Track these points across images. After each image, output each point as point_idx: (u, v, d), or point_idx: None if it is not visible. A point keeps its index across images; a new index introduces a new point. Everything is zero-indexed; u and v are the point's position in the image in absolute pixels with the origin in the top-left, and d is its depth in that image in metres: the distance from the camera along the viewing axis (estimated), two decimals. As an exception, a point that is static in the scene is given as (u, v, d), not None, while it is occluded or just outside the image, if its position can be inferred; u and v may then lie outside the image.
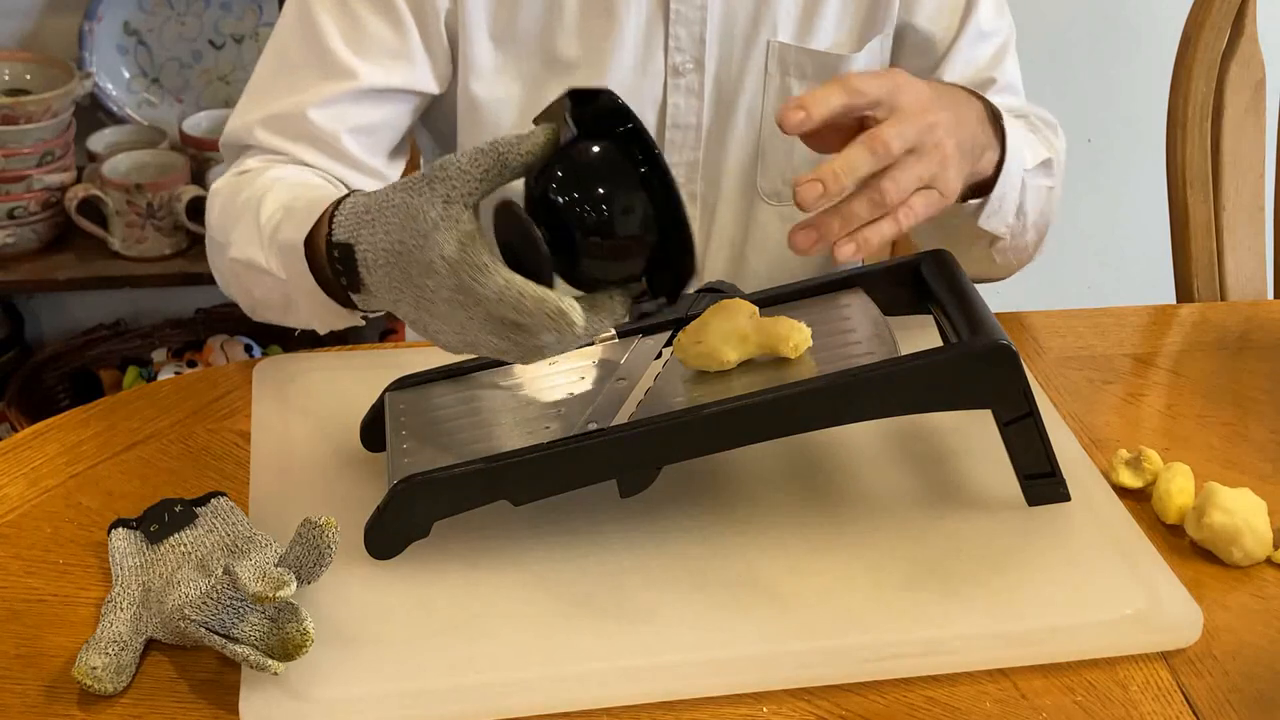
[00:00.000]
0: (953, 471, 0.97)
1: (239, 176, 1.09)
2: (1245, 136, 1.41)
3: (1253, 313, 1.24)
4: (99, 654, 0.79)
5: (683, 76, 1.16)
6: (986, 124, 1.03)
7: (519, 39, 1.14)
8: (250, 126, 1.11)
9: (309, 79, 1.10)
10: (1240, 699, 0.82)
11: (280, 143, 1.10)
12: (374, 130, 1.12)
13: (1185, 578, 0.89)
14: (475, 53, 1.13)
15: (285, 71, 1.12)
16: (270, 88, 1.12)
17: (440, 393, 0.94)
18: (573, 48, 1.14)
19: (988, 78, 1.19)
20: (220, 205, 1.08)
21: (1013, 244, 1.13)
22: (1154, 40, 1.77)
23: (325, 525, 0.79)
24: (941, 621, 0.84)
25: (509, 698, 0.79)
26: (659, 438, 0.86)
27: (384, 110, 1.12)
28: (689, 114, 1.18)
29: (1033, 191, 1.11)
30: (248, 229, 1.02)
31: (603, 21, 1.13)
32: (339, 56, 1.09)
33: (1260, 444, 1.04)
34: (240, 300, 1.09)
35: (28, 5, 1.99)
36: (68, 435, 1.00)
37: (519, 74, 1.15)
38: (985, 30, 1.19)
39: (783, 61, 1.17)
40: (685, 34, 1.15)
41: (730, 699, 0.80)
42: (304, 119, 1.09)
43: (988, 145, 1.03)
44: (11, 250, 1.91)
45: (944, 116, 0.92)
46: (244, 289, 1.07)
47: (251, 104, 1.13)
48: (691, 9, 1.14)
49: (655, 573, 0.87)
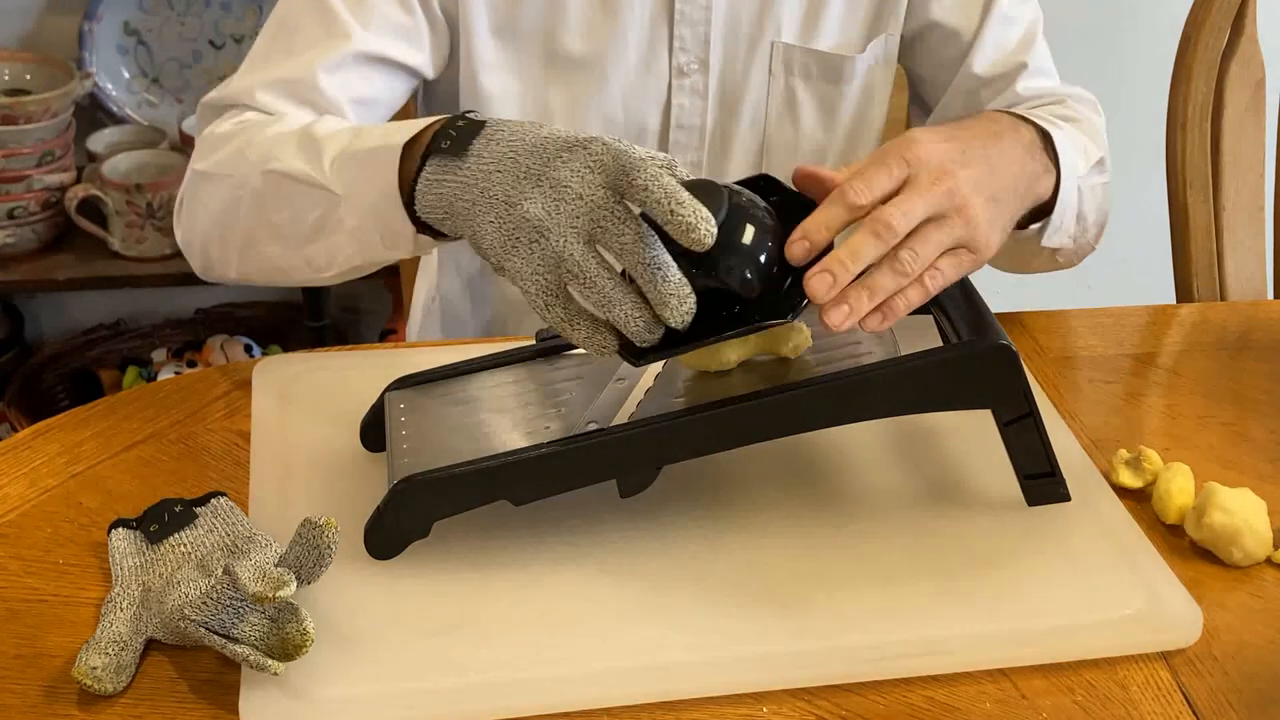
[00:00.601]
0: (953, 471, 0.97)
1: (240, 123, 1.06)
2: (1245, 136, 1.41)
3: (1253, 313, 1.24)
4: (99, 654, 0.79)
5: (687, 77, 1.16)
6: (1037, 150, 1.02)
7: (520, 34, 1.14)
8: (251, 89, 1.08)
9: (311, 41, 1.08)
10: (1240, 699, 0.82)
11: (284, 106, 1.07)
12: (374, 104, 1.11)
13: (1185, 578, 0.89)
14: (476, 45, 1.13)
15: (286, 36, 1.10)
16: (271, 53, 1.10)
17: (440, 392, 0.94)
18: (576, 46, 1.14)
19: (1019, 62, 1.19)
20: (229, 147, 1.04)
21: (1077, 245, 1.14)
22: (1154, 40, 1.77)
23: (325, 525, 0.79)
24: (941, 621, 0.84)
25: (509, 698, 0.79)
26: (659, 438, 0.86)
27: (384, 82, 1.11)
28: (693, 114, 1.18)
29: (1089, 193, 1.11)
30: (293, 148, 0.99)
31: (606, 20, 1.13)
32: (343, 20, 1.08)
33: (1260, 444, 1.04)
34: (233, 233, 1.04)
35: (28, 5, 1.99)
36: (68, 435, 1.00)
37: (519, 70, 1.15)
38: (1010, 15, 1.19)
39: (787, 62, 1.18)
40: (690, 34, 1.15)
41: (730, 699, 0.80)
42: (310, 84, 1.07)
43: (1041, 172, 1.02)
44: (11, 250, 1.91)
45: (967, 174, 0.90)
46: (260, 212, 1.01)
47: (252, 69, 1.10)
48: (696, 9, 1.14)
49: (655, 573, 0.87)
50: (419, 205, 0.89)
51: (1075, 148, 1.08)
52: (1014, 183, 0.97)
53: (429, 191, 0.88)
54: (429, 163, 0.88)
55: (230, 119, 1.08)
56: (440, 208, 0.88)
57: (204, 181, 1.06)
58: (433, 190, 0.88)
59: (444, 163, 0.87)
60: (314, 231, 0.99)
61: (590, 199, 0.82)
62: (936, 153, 0.90)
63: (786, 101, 1.20)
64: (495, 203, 0.84)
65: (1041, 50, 1.21)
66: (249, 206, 1.02)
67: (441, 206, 0.88)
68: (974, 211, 0.90)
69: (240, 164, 1.02)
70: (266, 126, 1.04)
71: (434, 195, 0.88)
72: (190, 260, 1.11)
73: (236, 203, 1.03)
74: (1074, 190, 1.07)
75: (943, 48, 1.20)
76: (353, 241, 0.97)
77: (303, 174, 0.97)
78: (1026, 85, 1.19)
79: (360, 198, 0.94)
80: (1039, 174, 1.02)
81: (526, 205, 0.83)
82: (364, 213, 0.95)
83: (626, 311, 0.81)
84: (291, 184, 0.98)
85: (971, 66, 1.19)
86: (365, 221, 0.95)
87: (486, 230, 0.85)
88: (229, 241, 1.05)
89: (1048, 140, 1.04)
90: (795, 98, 1.20)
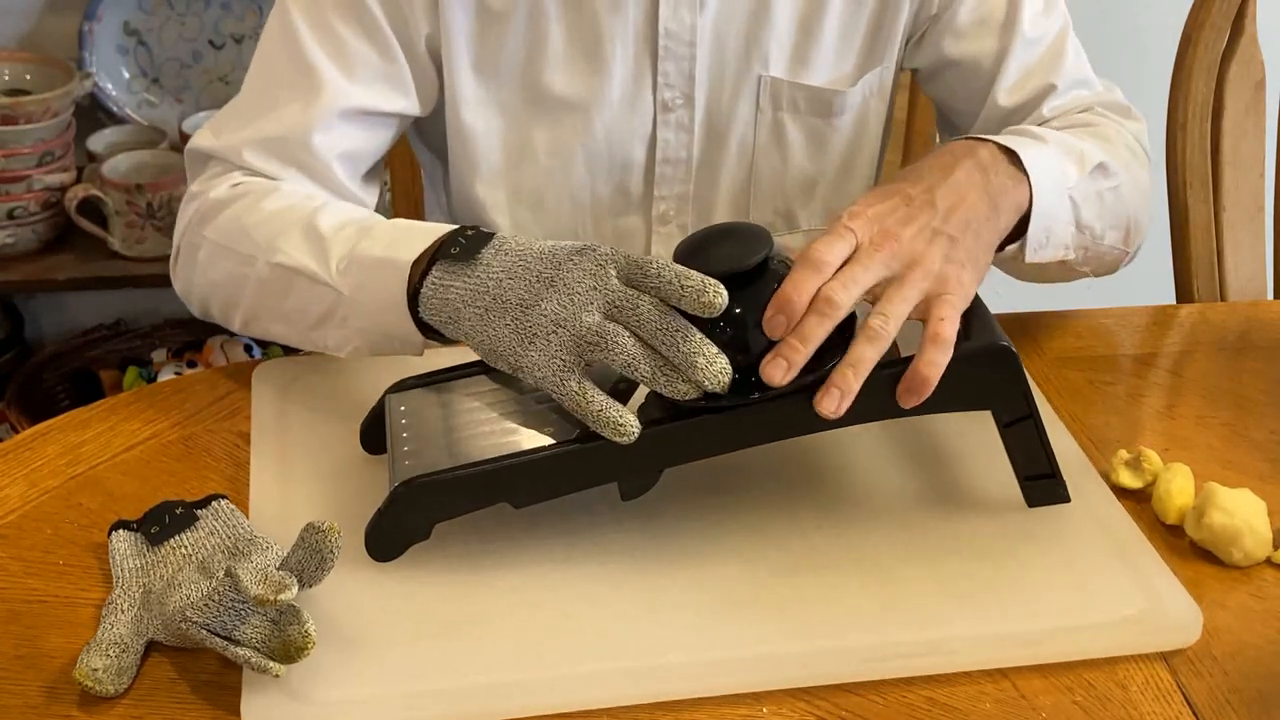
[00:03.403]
0: (952, 472, 0.97)
1: (235, 187, 1.06)
2: (1245, 136, 1.41)
3: (1253, 313, 1.24)
4: (100, 656, 0.79)
5: (672, 112, 1.14)
6: (1000, 163, 0.99)
7: (501, 71, 1.12)
8: (239, 148, 1.07)
9: (294, 96, 1.07)
10: (1240, 699, 0.82)
11: (272, 167, 1.07)
12: (361, 156, 1.11)
13: (1185, 578, 0.89)
14: (458, 81, 1.11)
15: (270, 91, 1.09)
16: (257, 108, 1.09)
17: (441, 395, 0.94)
18: (558, 82, 1.12)
19: (1046, 84, 1.15)
20: (228, 213, 1.05)
21: (1092, 254, 1.11)
22: (1154, 40, 1.77)
23: (328, 531, 0.79)
24: (941, 622, 0.84)
25: (510, 699, 0.79)
26: (660, 441, 0.86)
27: (370, 134, 1.10)
28: (679, 148, 1.16)
29: (1090, 200, 1.07)
30: (299, 240, 0.99)
31: (588, 57, 1.11)
32: (327, 78, 1.07)
33: (1260, 444, 1.04)
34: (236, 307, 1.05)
35: (28, 5, 1.99)
36: (68, 436, 1.00)
37: (501, 106, 1.13)
38: (1032, 36, 1.15)
39: (775, 96, 1.15)
40: (674, 70, 1.13)
41: (730, 699, 0.81)
42: (297, 144, 1.06)
43: (1010, 185, 0.99)
44: (11, 250, 1.91)
45: (911, 230, 0.90)
46: (265, 297, 1.02)
47: (237, 123, 1.09)
48: (680, 45, 1.11)
49: (655, 573, 0.87)
50: (423, 309, 0.92)
51: (1064, 156, 1.05)
52: (978, 209, 0.95)
53: (434, 296, 0.91)
54: (435, 268, 0.91)
55: (223, 181, 1.07)
56: (446, 312, 0.90)
57: (206, 246, 1.06)
58: (438, 295, 0.90)
59: (451, 268, 0.90)
60: (320, 322, 1.00)
61: (604, 289, 0.85)
62: (875, 215, 0.90)
63: (774, 134, 1.17)
64: (509, 307, 0.87)
65: (1070, 63, 1.17)
66: (254, 289, 1.03)
67: (447, 311, 0.90)
68: (930, 261, 0.90)
69: (243, 241, 1.03)
70: (264, 198, 1.04)
71: (439, 300, 0.90)
72: (189, 307, 1.11)
73: (241, 280, 1.03)
74: (1062, 200, 1.04)
75: (964, 82, 1.17)
76: (361, 337, 0.99)
77: (309, 271, 0.98)
78: (1052, 105, 1.15)
79: (368, 303, 0.96)
80: (1007, 187, 0.99)
81: (543, 305, 0.86)
82: (371, 317, 0.96)
83: (654, 366, 0.83)
84: (297, 278, 0.99)
85: (997, 99, 1.15)
86: (372, 324, 0.97)
87: (501, 334, 0.87)
88: (231, 311, 1.06)
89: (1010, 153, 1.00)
90: (784, 131, 1.17)
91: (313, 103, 1.07)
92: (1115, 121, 1.16)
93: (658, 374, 0.83)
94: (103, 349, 2.14)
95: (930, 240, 0.91)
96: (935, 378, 0.85)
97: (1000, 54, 1.15)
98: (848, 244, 0.88)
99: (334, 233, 0.99)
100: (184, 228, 1.09)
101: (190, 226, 1.08)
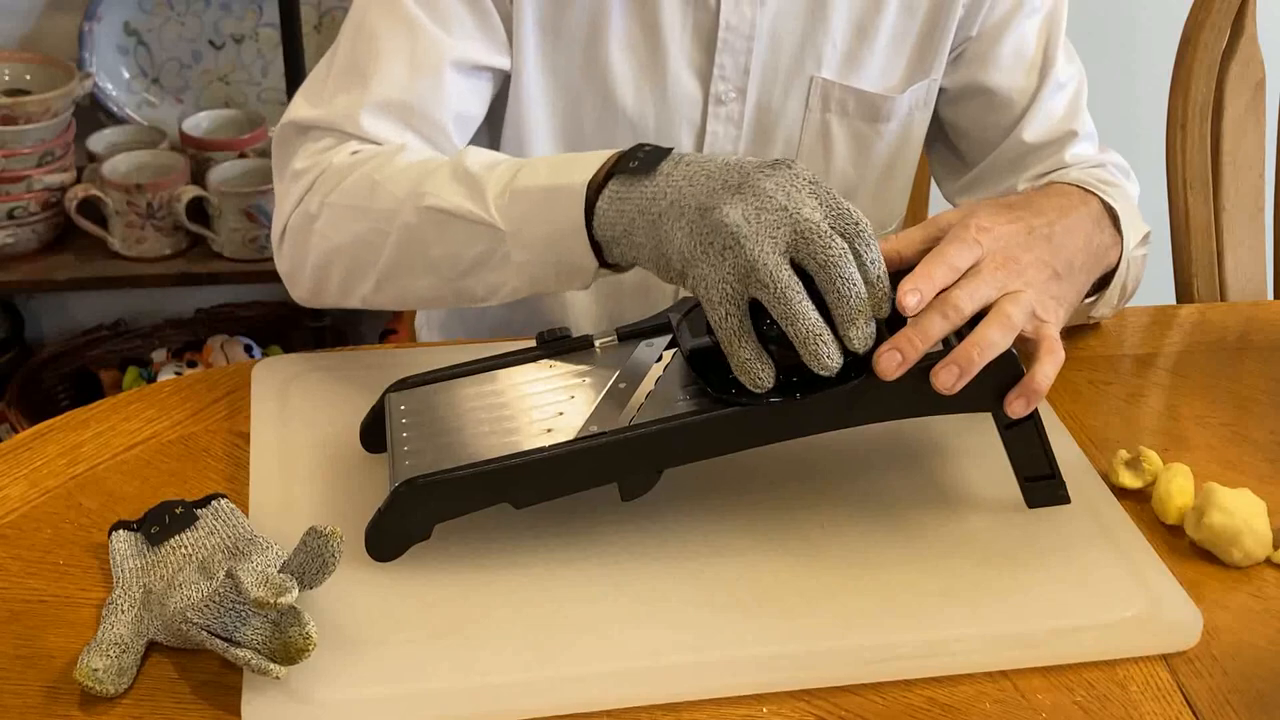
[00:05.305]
0: (952, 473, 0.97)
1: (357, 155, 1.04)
2: (1245, 136, 1.41)
3: (1253, 313, 1.25)
4: (100, 656, 0.79)
5: (724, 105, 1.15)
6: (1106, 222, 1.06)
7: (563, 33, 1.12)
8: (354, 114, 1.05)
9: (401, 58, 1.06)
10: (1240, 699, 0.82)
11: (391, 132, 1.05)
12: (467, 119, 1.10)
13: (1185, 578, 0.89)
14: (525, 39, 1.11)
15: (372, 51, 1.07)
16: (361, 71, 1.07)
17: (441, 394, 0.94)
18: (615, 60, 1.12)
19: (1068, 130, 1.18)
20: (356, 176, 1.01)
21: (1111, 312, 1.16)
22: (1154, 40, 1.77)
23: (330, 535, 0.79)
24: (941, 623, 0.84)
25: (510, 699, 0.79)
26: (660, 441, 0.86)
27: (474, 93, 1.10)
28: (726, 142, 1.17)
29: (1135, 265, 1.12)
30: (447, 181, 0.97)
31: (648, 40, 1.12)
32: (429, 32, 1.06)
33: (1260, 444, 1.04)
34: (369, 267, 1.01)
35: (28, 5, 1.99)
36: (68, 436, 1.00)
37: (556, 71, 1.13)
38: (1061, 81, 1.19)
39: (825, 97, 1.16)
40: (730, 63, 1.13)
41: (730, 699, 0.81)
42: (413, 106, 1.05)
43: (1110, 244, 1.06)
44: (11, 250, 1.91)
45: (1031, 257, 0.94)
46: (413, 246, 0.99)
47: (339, 89, 1.07)
48: (738, 39, 1.12)
49: (656, 574, 0.87)
50: (597, 222, 0.90)
51: (1128, 221, 1.09)
52: (1082, 257, 1.01)
53: (610, 209, 0.90)
54: (612, 182, 0.90)
55: (339, 150, 1.05)
56: (621, 224, 0.89)
57: (326, 214, 1.03)
58: (614, 207, 0.90)
59: (629, 180, 0.90)
60: (474, 265, 0.97)
61: (795, 213, 0.83)
62: (1003, 235, 0.94)
63: (821, 135, 1.18)
64: (687, 210, 0.86)
65: (1086, 113, 1.21)
66: (397, 240, 0.99)
67: (622, 224, 0.89)
68: (1040, 291, 0.94)
69: (380, 197, 1.00)
70: (395, 156, 1.02)
71: (615, 212, 0.90)
72: (293, 288, 1.09)
73: (379, 236, 1.00)
74: (1125, 263, 1.09)
75: (992, 112, 1.19)
76: (520, 275, 0.96)
77: (464, 210, 0.96)
78: (1074, 153, 1.18)
79: (534, 235, 0.94)
80: (1108, 246, 1.05)
81: (726, 210, 0.84)
82: (538, 248, 0.94)
83: (809, 327, 0.82)
84: (450, 220, 0.97)
85: (1022, 135, 1.18)
86: (539, 256, 0.94)
87: (675, 237, 0.86)
88: (359, 273, 1.03)
89: (1113, 213, 1.06)
90: (830, 132, 1.18)
91: (419, 58, 1.06)
92: (1126, 184, 1.18)
93: (809, 335, 0.82)
94: (103, 349, 2.15)
95: (1042, 272, 0.95)
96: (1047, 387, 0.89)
97: (1033, 92, 1.18)
98: (974, 255, 0.91)
99: (485, 171, 0.97)
100: (295, 203, 1.05)
101: (305, 199, 1.04)
